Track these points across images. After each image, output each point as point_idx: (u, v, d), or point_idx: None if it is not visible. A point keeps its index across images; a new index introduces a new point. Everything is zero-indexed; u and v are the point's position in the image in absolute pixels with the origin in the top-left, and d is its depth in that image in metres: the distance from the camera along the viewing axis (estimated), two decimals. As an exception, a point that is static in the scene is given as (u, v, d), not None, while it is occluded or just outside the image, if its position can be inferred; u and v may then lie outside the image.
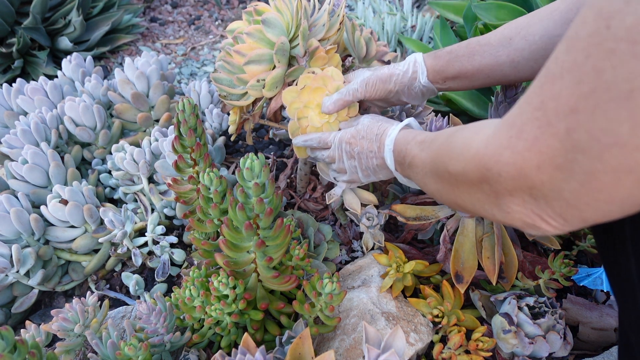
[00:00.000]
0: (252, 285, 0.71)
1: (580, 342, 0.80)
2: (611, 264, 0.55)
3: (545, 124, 0.34)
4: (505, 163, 0.38)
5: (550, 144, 0.34)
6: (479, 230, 0.80)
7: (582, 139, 0.31)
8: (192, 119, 0.73)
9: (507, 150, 0.38)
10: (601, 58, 0.29)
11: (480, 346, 0.69)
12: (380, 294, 0.79)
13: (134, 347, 0.61)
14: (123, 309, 0.84)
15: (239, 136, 1.33)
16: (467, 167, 0.43)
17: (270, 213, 0.61)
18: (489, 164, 0.40)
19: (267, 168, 0.59)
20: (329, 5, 0.80)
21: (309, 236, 0.90)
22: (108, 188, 1.08)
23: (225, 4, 2.05)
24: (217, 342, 0.74)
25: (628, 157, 0.29)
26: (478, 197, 0.43)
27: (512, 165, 0.37)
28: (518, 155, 0.36)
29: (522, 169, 0.36)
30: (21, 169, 0.93)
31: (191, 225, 0.77)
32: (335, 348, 0.71)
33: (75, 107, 1.05)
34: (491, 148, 0.40)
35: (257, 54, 0.76)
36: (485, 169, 0.40)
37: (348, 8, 1.98)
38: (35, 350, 0.55)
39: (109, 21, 1.61)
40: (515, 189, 0.38)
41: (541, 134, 0.34)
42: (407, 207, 0.83)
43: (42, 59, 1.48)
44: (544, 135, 0.34)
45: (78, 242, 0.92)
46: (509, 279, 0.79)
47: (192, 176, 0.79)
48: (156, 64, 1.16)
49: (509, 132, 0.38)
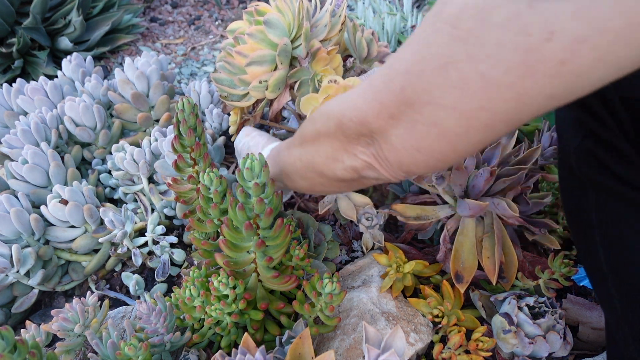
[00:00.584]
0: (252, 285, 0.71)
1: (580, 342, 0.80)
2: (584, 255, 0.56)
3: (388, 80, 0.41)
4: (356, 109, 0.45)
5: (388, 96, 0.40)
6: (479, 230, 0.80)
7: (410, 95, 0.38)
8: (191, 118, 0.73)
9: (360, 98, 0.45)
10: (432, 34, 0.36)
11: (480, 346, 0.69)
12: (380, 294, 0.79)
13: (134, 347, 0.61)
14: (123, 309, 0.84)
15: (239, 136, 1.33)
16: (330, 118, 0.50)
17: (270, 213, 0.61)
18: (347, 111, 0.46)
19: (267, 168, 0.59)
20: (331, 5, 0.80)
21: (309, 236, 0.90)
22: (108, 188, 1.08)
23: (225, 4, 2.05)
24: (217, 342, 0.74)
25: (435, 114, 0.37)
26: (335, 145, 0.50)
27: (360, 111, 0.44)
28: (366, 104, 0.43)
29: (367, 115, 0.43)
30: (21, 169, 0.93)
31: (191, 225, 0.77)
32: (335, 348, 0.71)
33: (75, 107, 1.05)
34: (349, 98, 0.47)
35: (258, 55, 0.76)
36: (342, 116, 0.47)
37: (348, 8, 1.98)
38: (35, 350, 0.55)
39: (109, 21, 1.61)
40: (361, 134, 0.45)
41: (383, 87, 0.41)
42: (407, 207, 0.83)
43: (42, 59, 1.48)
44: (385, 89, 0.41)
45: (78, 242, 0.92)
46: (509, 279, 0.79)
47: (191, 176, 0.79)
48: (156, 64, 1.16)
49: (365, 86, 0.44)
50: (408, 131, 0.40)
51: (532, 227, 0.81)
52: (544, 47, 0.29)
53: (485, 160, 0.81)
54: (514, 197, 0.82)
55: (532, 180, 0.84)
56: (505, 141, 0.81)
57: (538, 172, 0.86)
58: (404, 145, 0.41)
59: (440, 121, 0.37)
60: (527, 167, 0.79)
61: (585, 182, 0.51)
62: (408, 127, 0.40)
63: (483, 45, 0.32)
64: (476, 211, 0.76)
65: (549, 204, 0.95)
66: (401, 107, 0.39)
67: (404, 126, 0.40)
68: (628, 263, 0.48)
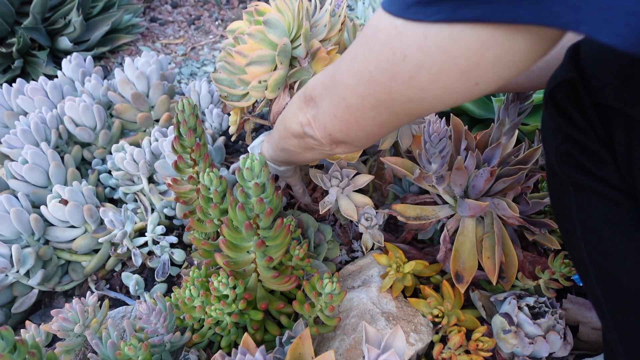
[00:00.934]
0: (252, 285, 0.71)
1: (580, 342, 0.80)
2: (570, 250, 0.60)
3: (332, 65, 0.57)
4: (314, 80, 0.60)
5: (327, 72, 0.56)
6: (479, 230, 0.80)
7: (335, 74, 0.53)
8: (191, 119, 0.73)
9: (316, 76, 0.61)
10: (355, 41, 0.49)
11: (480, 346, 0.69)
12: (380, 294, 0.79)
13: (134, 347, 0.61)
14: (123, 309, 0.84)
15: (239, 136, 1.33)
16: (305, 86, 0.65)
17: (270, 213, 0.61)
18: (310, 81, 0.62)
19: (267, 168, 0.59)
20: (330, 5, 0.80)
21: (309, 236, 0.90)
22: (108, 188, 1.08)
23: (225, 4, 2.05)
24: (217, 342, 0.74)
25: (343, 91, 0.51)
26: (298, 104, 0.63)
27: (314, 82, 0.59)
28: (315, 79, 0.59)
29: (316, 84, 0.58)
30: (21, 169, 0.93)
31: (191, 225, 0.77)
32: (335, 348, 0.71)
33: (75, 107, 1.05)
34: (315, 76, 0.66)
35: (258, 55, 0.76)
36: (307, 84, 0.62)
37: (348, 8, 1.98)
38: (35, 350, 0.55)
39: (109, 21, 1.61)
40: (307, 100, 0.60)
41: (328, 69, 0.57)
42: (407, 207, 0.83)
43: (42, 59, 1.48)
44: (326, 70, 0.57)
45: (78, 242, 0.92)
46: (509, 279, 0.79)
47: (191, 176, 0.79)
48: (156, 64, 1.16)
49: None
50: (330, 100, 0.55)
51: (532, 227, 0.81)
52: (401, 63, 0.42)
53: (485, 160, 0.81)
54: (514, 197, 0.82)
55: (532, 180, 0.84)
56: (505, 141, 0.81)
57: (538, 172, 0.86)
58: (327, 111, 0.56)
59: (346, 97, 0.51)
60: (527, 167, 0.79)
61: (566, 180, 0.55)
62: (329, 98, 0.55)
63: (371, 52, 0.45)
64: (476, 211, 0.76)
65: (549, 204, 0.95)
66: (329, 81, 0.54)
67: (328, 96, 0.55)
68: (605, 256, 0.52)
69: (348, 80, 0.50)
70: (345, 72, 0.50)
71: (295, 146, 0.69)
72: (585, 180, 0.52)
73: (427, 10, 0.37)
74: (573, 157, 0.53)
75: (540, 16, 0.32)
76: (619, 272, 0.51)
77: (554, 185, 0.60)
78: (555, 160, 0.56)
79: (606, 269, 0.53)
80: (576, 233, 0.56)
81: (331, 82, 0.54)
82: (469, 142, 0.82)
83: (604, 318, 0.55)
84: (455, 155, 0.82)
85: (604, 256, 0.53)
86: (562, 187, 0.57)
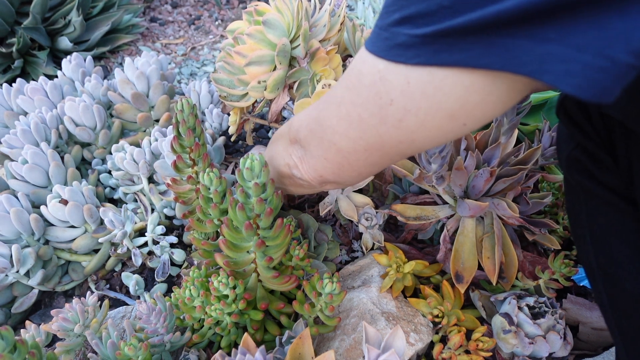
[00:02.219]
0: (252, 285, 0.71)
1: (580, 342, 0.80)
2: (580, 254, 0.61)
3: (316, 105, 0.56)
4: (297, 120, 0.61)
5: (313, 115, 0.55)
6: (479, 230, 0.80)
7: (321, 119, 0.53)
8: (191, 119, 0.73)
9: (302, 114, 0.61)
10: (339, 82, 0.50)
11: (480, 346, 0.69)
12: (380, 294, 0.79)
13: (134, 347, 0.61)
14: (123, 309, 0.84)
15: (239, 136, 1.33)
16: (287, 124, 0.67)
17: (270, 213, 0.61)
18: (293, 120, 0.63)
19: (267, 168, 0.59)
20: (330, 5, 0.80)
21: (309, 236, 0.90)
22: (108, 188, 1.08)
23: (225, 4, 2.05)
24: (217, 342, 0.74)
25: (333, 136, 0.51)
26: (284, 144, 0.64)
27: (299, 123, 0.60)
28: (303, 119, 0.59)
29: (300, 125, 0.58)
30: (21, 169, 0.93)
31: (191, 225, 0.77)
32: (335, 348, 0.71)
33: (75, 107, 1.05)
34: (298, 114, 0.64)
35: (257, 55, 0.76)
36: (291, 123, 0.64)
37: (348, 8, 1.98)
38: (35, 350, 0.55)
39: (109, 21, 1.61)
40: (292, 141, 0.61)
41: (313, 108, 0.57)
42: (407, 207, 0.83)
43: (42, 59, 1.48)
44: (313, 109, 0.57)
45: (78, 242, 0.92)
46: (509, 279, 0.79)
47: (191, 176, 0.79)
48: (156, 64, 1.16)
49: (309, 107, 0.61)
50: (319, 144, 0.55)
51: (532, 227, 0.81)
52: (389, 107, 0.42)
53: (485, 161, 0.81)
54: (514, 197, 0.82)
55: (532, 180, 0.84)
56: (504, 141, 0.81)
57: (538, 172, 0.86)
58: (318, 154, 0.56)
59: (336, 141, 0.51)
60: (527, 167, 0.79)
61: (577, 187, 0.56)
62: (319, 141, 0.54)
63: (359, 95, 0.45)
64: (476, 211, 0.76)
65: (549, 204, 0.95)
66: (316, 125, 0.54)
67: (317, 141, 0.55)
68: (611, 262, 0.53)
69: (337, 125, 0.50)
70: (334, 116, 0.50)
71: (284, 183, 0.70)
72: (592, 186, 0.53)
73: (407, 53, 0.38)
74: (582, 164, 0.53)
75: (509, 64, 0.33)
76: (623, 278, 0.52)
77: (567, 191, 0.61)
78: (566, 167, 0.57)
79: (612, 275, 0.53)
80: (585, 238, 0.57)
81: (318, 126, 0.53)
82: (468, 142, 0.82)
83: (610, 323, 0.56)
84: (455, 155, 0.82)
85: (610, 262, 0.53)
86: (574, 193, 0.58)
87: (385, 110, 0.42)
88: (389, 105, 0.42)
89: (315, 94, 0.76)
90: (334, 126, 0.50)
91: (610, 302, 0.55)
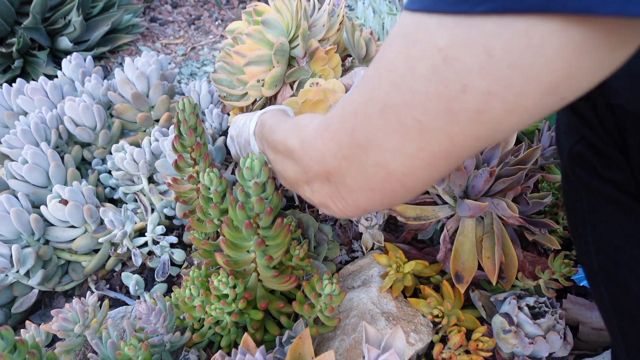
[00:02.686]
0: (252, 285, 0.71)
1: (580, 342, 0.80)
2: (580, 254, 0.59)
3: (342, 121, 0.42)
4: (315, 148, 0.46)
5: (342, 137, 0.41)
6: (479, 230, 0.80)
7: (359, 137, 0.39)
8: (192, 118, 0.73)
9: (319, 139, 0.46)
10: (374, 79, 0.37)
11: (480, 346, 0.69)
12: (380, 294, 0.79)
13: (134, 347, 0.61)
14: (123, 309, 0.84)
15: (239, 136, 1.33)
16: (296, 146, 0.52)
17: (270, 212, 0.61)
18: (307, 148, 0.48)
19: (267, 167, 0.59)
20: (329, 5, 0.80)
21: (309, 236, 0.90)
22: (108, 188, 1.08)
23: (225, 4, 2.05)
24: (217, 342, 0.74)
25: (382, 156, 0.38)
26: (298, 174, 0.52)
27: (319, 152, 0.45)
28: (324, 144, 0.44)
29: (324, 155, 0.44)
30: (21, 169, 0.93)
31: (191, 225, 0.77)
32: (335, 348, 0.71)
33: (75, 107, 1.05)
34: (312, 135, 0.48)
35: (256, 55, 0.76)
36: (304, 152, 0.49)
37: (348, 8, 1.98)
38: (35, 350, 0.55)
39: (109, 21, 1.61)
40: (318, 173, 0.46)
41: (339, 128, 0.42)
42: (407, 207, 0.83)
43: (42, 59, 1.48)
44: (340, 130, 0.42)
45: (78, 242, 0.92)
46: (509, 279, 0.79)
47: (191, 176, 0.79)
48: (156, 64, 1.16)
49: (325, 123, 0.45)
50: (360, 173, 0.41)
51: (532, 227, 0.81)
52: (461, 97, 0.31)
53: (484, 161, 0.81)
54: (513, 197, 0.82)
55: (532, 180, 0.84)
56: (504, 141, 0.81)
57: (538, 172, 0.86)
58: (359, 186, 0.42)
59: (387, 162, 0.38)
60: (527, 167, 0.79)
61: (578, 183, 0.53)
62: (360, 169, 0.41)
63: (414, 93, 0.33)
64: (476, 211, 0.76)
65: (549, 204, 0.95)
66: (352, 148, 0.40)
67: (356, 169, 0.41)
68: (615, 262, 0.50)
69: (385, 141, 0.37)
70: (378, 130, 0.37)
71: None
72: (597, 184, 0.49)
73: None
74: (586, 159, 0.49)
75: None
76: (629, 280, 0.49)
77: (567, 188, 0.57)
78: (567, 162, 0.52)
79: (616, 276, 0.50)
80: (587, 238, 0.54)
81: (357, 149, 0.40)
82: (468, 142, 0.81)
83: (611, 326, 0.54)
84: (455, 155, 0.82)
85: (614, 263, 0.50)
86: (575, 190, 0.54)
87: (456, 102, 0.32)
88: (461, 93, 0.31)
89: (301, 92, 0.75)
90: (383, 143, 0.37)
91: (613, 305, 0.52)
